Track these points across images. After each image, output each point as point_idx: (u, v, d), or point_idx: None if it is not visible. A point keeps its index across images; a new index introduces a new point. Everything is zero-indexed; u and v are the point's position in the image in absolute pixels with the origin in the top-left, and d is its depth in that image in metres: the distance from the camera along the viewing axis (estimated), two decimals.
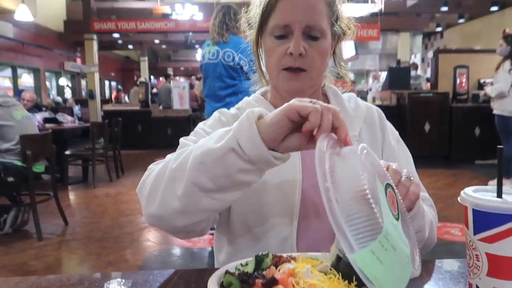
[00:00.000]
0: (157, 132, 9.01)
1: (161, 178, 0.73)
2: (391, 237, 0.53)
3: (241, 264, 0.66)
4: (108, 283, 0.69)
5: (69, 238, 3.68)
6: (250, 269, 0.62)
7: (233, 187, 0.69)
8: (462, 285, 0.71)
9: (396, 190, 0.64)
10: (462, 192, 0.59)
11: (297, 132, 0.64)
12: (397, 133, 1.03)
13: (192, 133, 0.94)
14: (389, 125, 1.02)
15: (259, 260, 0.63)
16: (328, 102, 0.96)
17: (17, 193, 3.70)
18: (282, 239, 0.88)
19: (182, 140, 0.89)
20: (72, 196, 5.30)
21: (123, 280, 0.70)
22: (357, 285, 0.59)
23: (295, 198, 0.88)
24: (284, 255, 0.66)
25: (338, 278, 0.58)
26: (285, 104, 0.63)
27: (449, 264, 0.79)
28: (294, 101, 0.63)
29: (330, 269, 0.61)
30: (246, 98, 1.02)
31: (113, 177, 5.86)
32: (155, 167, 0.80)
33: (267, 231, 0.88)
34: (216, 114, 0.99)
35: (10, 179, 3.31)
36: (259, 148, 0.63)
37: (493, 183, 3.51)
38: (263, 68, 0.99)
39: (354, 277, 0.58)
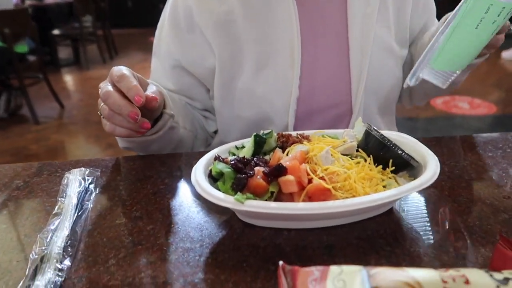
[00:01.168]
0: (148, 8, 8.35)
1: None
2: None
3: (236, 147, 0.49)
4: (69, 173, 0.55)
5: (67, 121, 3.59)
6: (247, 153, 0.46)
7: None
8: None
9: None
10: None
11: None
12: None
13: (156, 36, 0.82)
14: None
15: (259, 142, 0.46)
16: None
17: (5, 76, 3.52)
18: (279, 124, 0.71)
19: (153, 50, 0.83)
20: (66, 78, 5.09)
21: (87, 170, 0.54)
22: (395, 171, 0.43)
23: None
24: (293, 133, 0.50)
25: (369, 163, 0.43)
26: None
27: (499, 139, 0.63)
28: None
29: (357, 150, 0.45)
30: None
31: (106, 58, 5.57)
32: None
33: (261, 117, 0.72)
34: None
35: None
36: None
37: (507, 54, 3.23)
38: None
39: (391, 161, 0.42)
